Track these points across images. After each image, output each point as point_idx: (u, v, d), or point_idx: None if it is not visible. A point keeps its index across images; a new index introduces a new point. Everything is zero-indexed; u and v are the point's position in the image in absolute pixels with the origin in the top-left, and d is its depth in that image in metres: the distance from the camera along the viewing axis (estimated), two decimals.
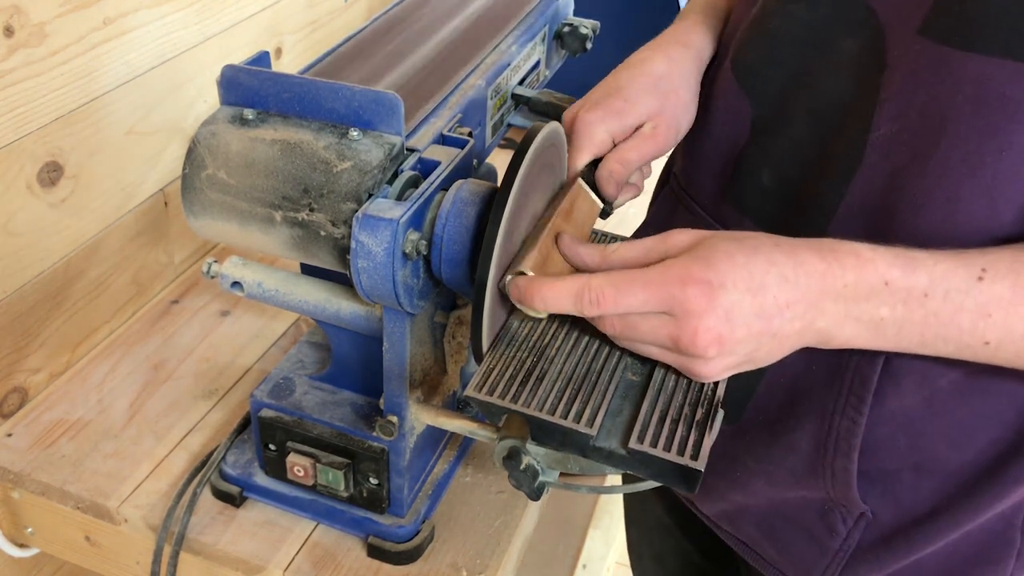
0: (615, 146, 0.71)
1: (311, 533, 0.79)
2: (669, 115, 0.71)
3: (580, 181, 0.68)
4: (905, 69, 0.56)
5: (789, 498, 0.70)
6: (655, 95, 0.71)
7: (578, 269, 0.62)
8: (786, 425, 0.67)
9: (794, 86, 0.64)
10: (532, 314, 0.60)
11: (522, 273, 0.58)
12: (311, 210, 0.63)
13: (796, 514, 0.70)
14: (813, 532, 0.69)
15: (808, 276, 0.53)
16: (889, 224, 0.58)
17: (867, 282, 0.53)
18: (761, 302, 0.52)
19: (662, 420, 0.55)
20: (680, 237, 0.57)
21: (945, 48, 0.53)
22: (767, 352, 0.55)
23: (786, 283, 0.53)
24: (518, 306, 0.59)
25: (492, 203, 0.58)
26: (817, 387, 0.65)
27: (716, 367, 0.55)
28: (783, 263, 0.53)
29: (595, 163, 0.70)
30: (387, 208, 0.60)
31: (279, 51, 1.22)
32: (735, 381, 0.60)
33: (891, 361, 0.61)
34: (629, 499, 1.11)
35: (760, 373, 0.67)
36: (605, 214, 0.72)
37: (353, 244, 0.60)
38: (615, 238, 0.73)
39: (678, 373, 0.58)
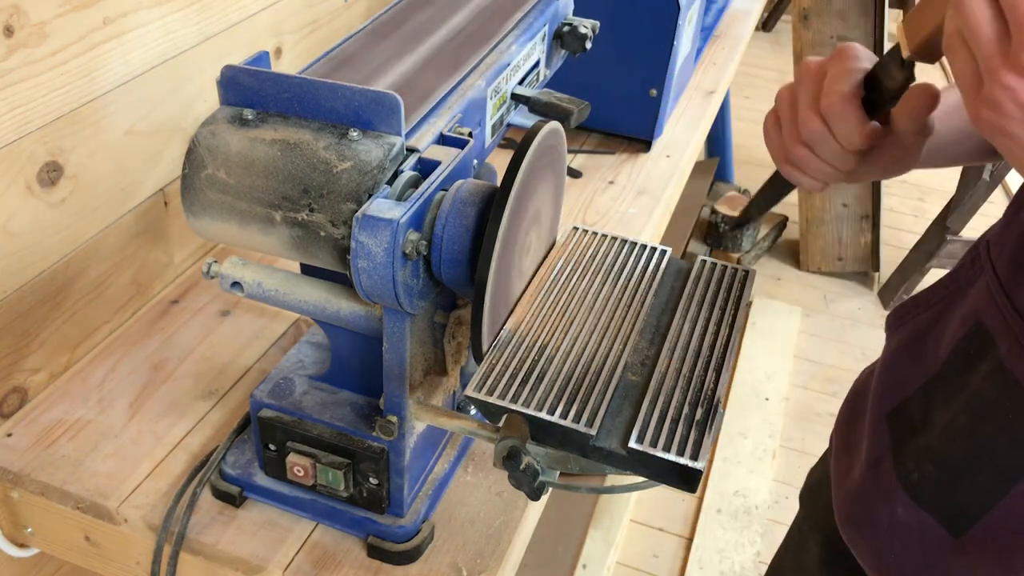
0: None
1: (311, 533, 0.79)
2: None
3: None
4: None
5: None
6: None
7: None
8: (1021, 557, 0.60)
9: None
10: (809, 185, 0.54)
11: (907, 62, 0.50)
12: (311, 210, 0.63)
13: None
14: None
15: None
16: None
17: None
18: None
19: (662, 420, 0.55)
20: None
21: None
22: None
23: None
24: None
25: (492, 203, 0.58)
26: None
27: None
28: None
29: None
30: (387, 208, 0.60)
31: (279, 51, 1.22)
32: (969, 489, 0.54)
33: None
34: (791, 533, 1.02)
35: (1003, 490, 0.61)
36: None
37: (353, 244, 0.60)
38: (633, 243, 0.72)
39: (678, 373, 0.58)
